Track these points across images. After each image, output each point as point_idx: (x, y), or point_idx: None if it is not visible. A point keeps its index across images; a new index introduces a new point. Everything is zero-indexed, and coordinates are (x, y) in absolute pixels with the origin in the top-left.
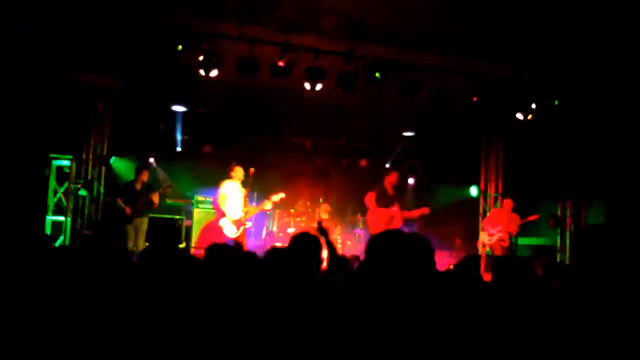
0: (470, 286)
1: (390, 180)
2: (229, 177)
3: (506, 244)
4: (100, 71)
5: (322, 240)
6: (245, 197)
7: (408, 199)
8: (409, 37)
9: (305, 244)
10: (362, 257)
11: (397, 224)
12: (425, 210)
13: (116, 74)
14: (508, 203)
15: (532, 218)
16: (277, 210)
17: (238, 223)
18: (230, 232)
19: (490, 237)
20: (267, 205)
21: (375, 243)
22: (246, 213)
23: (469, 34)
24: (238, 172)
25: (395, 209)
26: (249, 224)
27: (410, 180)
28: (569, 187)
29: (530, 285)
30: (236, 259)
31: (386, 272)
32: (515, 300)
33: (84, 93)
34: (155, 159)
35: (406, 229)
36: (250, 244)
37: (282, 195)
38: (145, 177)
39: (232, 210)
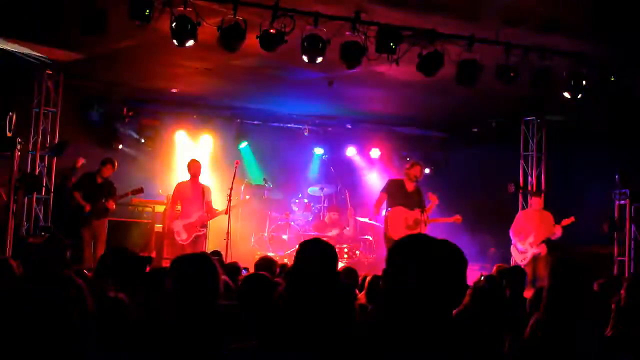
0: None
1: (411, 174)
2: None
3: (544, 259)
4: (48, 42)
5: None
6: (202, 196)
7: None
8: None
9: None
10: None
11: (422, 229)
12: (456, 219)
13: (70, 45)
14: (537, 202)
15: (566, 222)
16: (269, 213)
17: (189, 228)
18: (181, 237)
19: (523, 255)
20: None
21: (398, 252)
22: (202, 217)
23: None
24: (192, 166)
25: (418, 212)
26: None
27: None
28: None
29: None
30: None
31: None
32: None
33: (27, 69)
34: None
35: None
36: (234, 252)
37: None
38: (108, 171)
39: (184, 212)
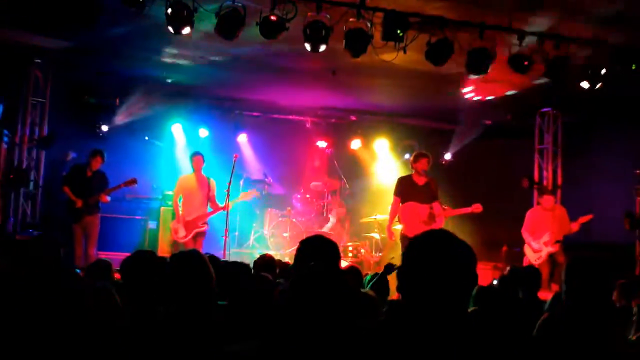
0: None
1: (418, 167)
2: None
3: (561, 257)
4: (37, 29)
5: None
6: (207, 189)
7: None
8: None
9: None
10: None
11: (439, 224)
12: (476, 208)
13: (58, 33)
14: (548, 200)
15: (585, 219)
16: (269, 209)
17: (189, 225)
18: (179, 235)
19: (537, 255)
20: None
21: (412, 250)
22: (200, 216)
23: None
24: (195, 159)
25: (431, 206)
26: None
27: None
28: None
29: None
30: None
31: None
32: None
33: (15, 58)
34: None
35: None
36: (234, 252)
37: (255, 193)
38: (97, 163)
39: (185, 207)
